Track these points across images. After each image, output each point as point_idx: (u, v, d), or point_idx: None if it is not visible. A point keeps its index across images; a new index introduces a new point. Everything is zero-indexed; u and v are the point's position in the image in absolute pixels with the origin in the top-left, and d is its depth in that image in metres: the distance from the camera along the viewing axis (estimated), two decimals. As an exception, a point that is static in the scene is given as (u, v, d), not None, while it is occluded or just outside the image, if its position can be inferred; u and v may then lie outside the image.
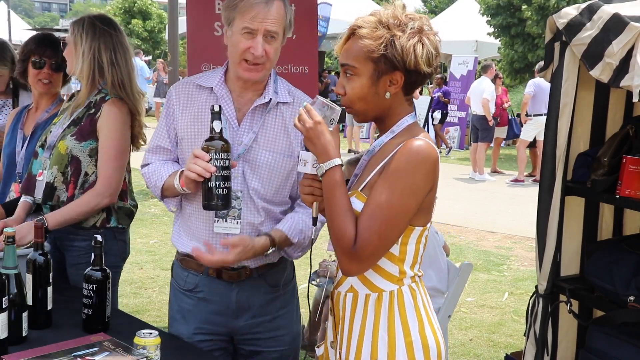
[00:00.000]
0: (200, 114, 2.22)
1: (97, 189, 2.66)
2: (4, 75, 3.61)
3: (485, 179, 11.27)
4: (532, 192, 8.15)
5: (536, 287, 2.89)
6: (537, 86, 10.07)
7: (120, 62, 2.76)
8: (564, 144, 2.70)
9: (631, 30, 2.36)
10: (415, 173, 1.72)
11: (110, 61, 2.73)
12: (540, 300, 2.85)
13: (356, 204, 1.79)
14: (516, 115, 12.28)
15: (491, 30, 17.14)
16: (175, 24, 4.75)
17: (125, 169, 2.79)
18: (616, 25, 2.41)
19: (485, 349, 4.44)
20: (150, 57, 18.82)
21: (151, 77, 17.54)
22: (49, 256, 2.17)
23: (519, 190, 10.43)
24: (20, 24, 21.16)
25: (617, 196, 2.66)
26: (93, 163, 2.69)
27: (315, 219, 1.90)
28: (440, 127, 14.56)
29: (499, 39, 17.38)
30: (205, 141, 2.05)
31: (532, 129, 10.55)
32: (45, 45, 3.02)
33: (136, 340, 1.86)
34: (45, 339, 2.05)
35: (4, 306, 1.92)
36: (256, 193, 2.20)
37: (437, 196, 1.86)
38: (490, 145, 11.73)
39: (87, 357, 1.89)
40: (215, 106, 2.05)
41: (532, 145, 10.89)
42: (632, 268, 2.66)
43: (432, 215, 1.86)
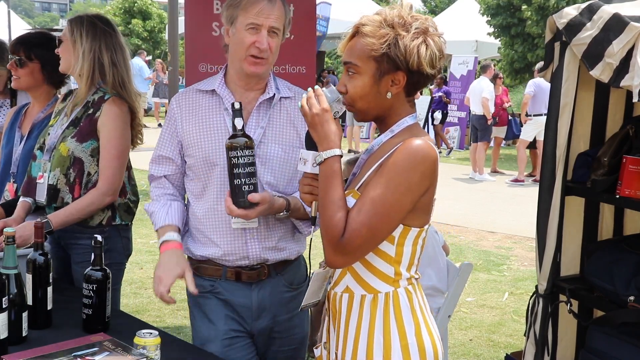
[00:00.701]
0: (205, 117, 2.25)
1: (100, 187, 2.67)
2: (2, 75, 3.61)
3: (485, 179, 11.27)
4: (532, 192, 8.15)
5: (536, 287, 2.89)
6: (537, 86, 10.07)
7: (120, 62, 2.78)
8: (564, 144, 2.70)
9: (631, 30, 2.36)
10: (412, 171, 1.70)
11: (111, 61, 2.75)
12: (540, 300, 2.84)
13: (352, 202, 1.77)
14: (517, 116, 12.27)
15: (491, 30, 17.11)
16: (175, 24, 4.74)
17: (126, 166, 2.80)
18: (616, 25, 2.41)
19: (485, 349, 4.43)
20: (150, 57, 18.80)
21: (151, 78, 17.52)
22: (49, 256, 2.18)
23: (519, 190, 10.43)
24: (20, 24, 21.11)
25: (617, 196, 2.66)
26: (95, 163, 2.70)
27: (314, 219, 1.89)
28: (441, 127, 14.56)
29: (499, 39, 17.36)
30: (228, 139, 2.08)
31: (532, 129, 10.54)
32: (16, 43, 3.01)
33: (136, 340, 1.86)
34: (45, 339, 2.05)
35: (4, 306, 1.92)
36: (270, 186, 2.23)
37: (436, 197, 1.85)
38: (489, 145, 11.74)
39: (87, 357, 1.89)
40: (235, 103, 2.08)
41: (532, 145, 10.89)
42: (632, 268, 2.66)
43: (430, 217, 1.84)
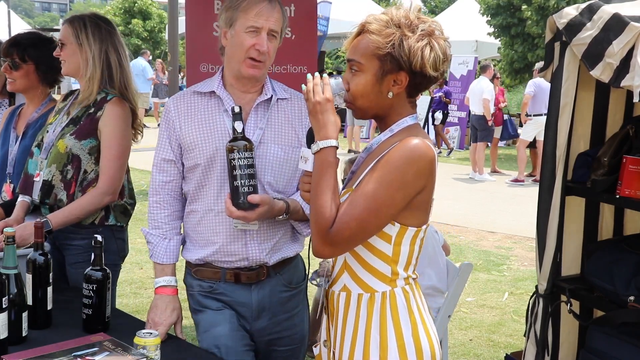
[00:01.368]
0: (205, 119, 2.25)
1: (100, 187, 2.65)
2: (1, 74, 3.60)
3: (485, 179, 11.27)
4: (532, 192, 8.14)
5: (536, 287, 2.89)
6: (537, 86, 10.07)
7: (124, 63, 2.79)
8: (564, 144, 2.70)
9: (631, 30, 2.36)
10: (407, 168, 1.70)
11: (118, 63, 2.76)
12: (541, 301, 2.84)
13: None
14: (517, 115, 12.27)
15: (491, 30, 17.11)
16: (175, 24, 4.74)
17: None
18: (616, 25, 2.41)
19: (485, 349, 4.43)
20: (150, 58, 18.78)
21: (153, 78, 17.43)
22: (49, 256, 2.17)
23: (519, 190, 10.43)
24: (20, 24, 21.13)
25: (617, 196, 2.66)
26: (92, 161, 2.69)
27: None
28: (442, 127, 14.56)
29: (499, 39, 17.36)
30: (228, 142, 2.10)
31: (532, 129, 10.54)
32: (9, 46, 3.00)
33: (136, 340, 1.86)
34: (45, 339, 2.05)
35: (4, 306, 1.92)
36: (270, 186, 2.24)
37: (435, 197, 1.85)
38: (488, 145, 11.74)
39: (87, 357, 1.89)
40: (235, 107, 2.10)
41: (532, 145, 10.89)
42: (632, 268, 2.66)
43: (428, 218, 1.84)
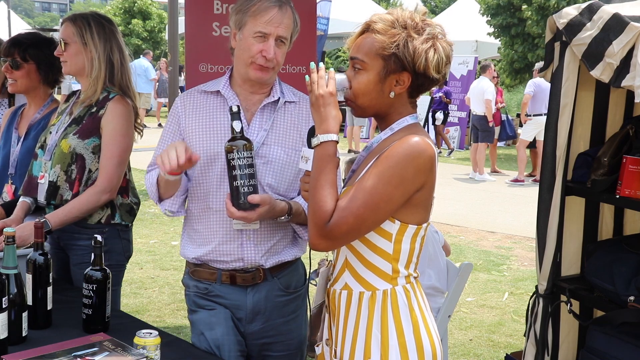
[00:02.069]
0: (209, 117, 2.25)
1: (98, 185, 2.65)
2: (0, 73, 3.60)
3: (485, 179, 11.27)
4: (532, 192, 8.15)
5: (536, 287, 2.89)
6: (537, 86, 10.07)
7: (125, 62, 2.80)
8: (564, 144, 2.70)
9: (631, 30, 2.36)
10: (407, 165, 1.71)
11: (120, 62, 2.77)
12: (541, 301, 2.85)
13: None
14: (516, 115, 12.26)
15: (491, 30, 17.12)
16: (175, 24, 4.75)
17: (127, 167, 2.79)
18: (616, 25, 2.41)
19: (485, 349, 4.43)
20: (152, 58, 18.75)
21: (156, 79, 17.36)
22: (49, 256, 2.17)
23: (519, 190, 10.43)
24: (20, 24, 21.11)
25: (617, 196, 2.66)
26: (96, 160, 2.69)
27: None
28: (443, 127, 14.56)
29: (499, 39, 17.36)
30: (227, 141, 2.09)
31: (532, 129, 10.54)
32: (9, 45, 3.00)
33: (136, 340, 1.86)
34: (45, 339, 2.04)
35: (4, 306, 1.92)
36: (270, 188, 2.23)
37: (435, 196, 1.85)
38: (488, 145, 11.74)
39: (87, 357, 1.89)
40: (233, 106, 2.09)
41: (532, 145, 10.89)
42: (632, 268, 2.66)
43: (429, 216, 1.84)
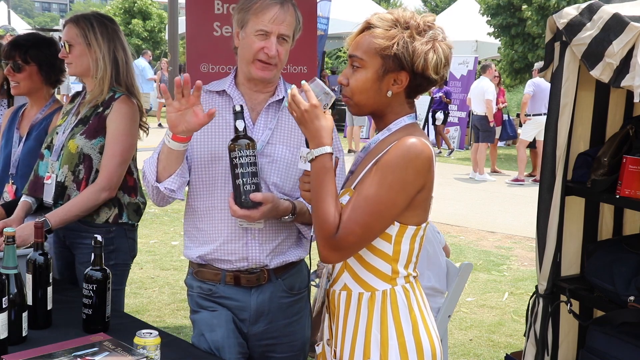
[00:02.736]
0: (214, 117, 2.23)
1: (98, 183, 2.65)
2: None
3: (485, 179, 11.27)
4: (532, 192, 8.15)
5: (536, 287, 2.89)
6: (537, 86, 10.08)
7: (129, 61, 2.80)
8: (564, 144, 2.70)
9: (631, 30, 2.36)
10: (406, 169, 1.71)
11: (125, 61, 2.77)
12: (541, 301, 2.85)
13: (347, 200, 1.77)
14: (516, 115, 12.26)
15: (491, 30, 17.11)
16: (175, 24, 4.74)
17: (134, 166, 2.80)
18: (616, 25, 2.41)
19: (485, 349, 4.43)
20: (151, 58, 18.78)
21: (154, 79, 17.40)
22: (49, 256, 2.17)
23: (519, 190, 10.43)
24: (21, 24, 21.14)
25: (617, 196, 2.66)
26: None
27: None
28: (443, 127, 14.56)
29: (499, 39, 17.36)
30: (231, 141, 2.10)
31: (532, 129, 10.54)
32: (10, 48, 3.00)
33: (136, 340, 1.86)
34: (45, 339, 2.04)
35: (4, 306, 1.92)
36: (275, 187, 2.23)
37: (435, 197, 1.85)
38: (488, 145, 11.74)
39: (87, 357, 1.89)
40: (236, 106, 2.10)
41: (532, 145, 10.89)
42: (632, 268, 2.66)
43: (428, 216, 1.84)
